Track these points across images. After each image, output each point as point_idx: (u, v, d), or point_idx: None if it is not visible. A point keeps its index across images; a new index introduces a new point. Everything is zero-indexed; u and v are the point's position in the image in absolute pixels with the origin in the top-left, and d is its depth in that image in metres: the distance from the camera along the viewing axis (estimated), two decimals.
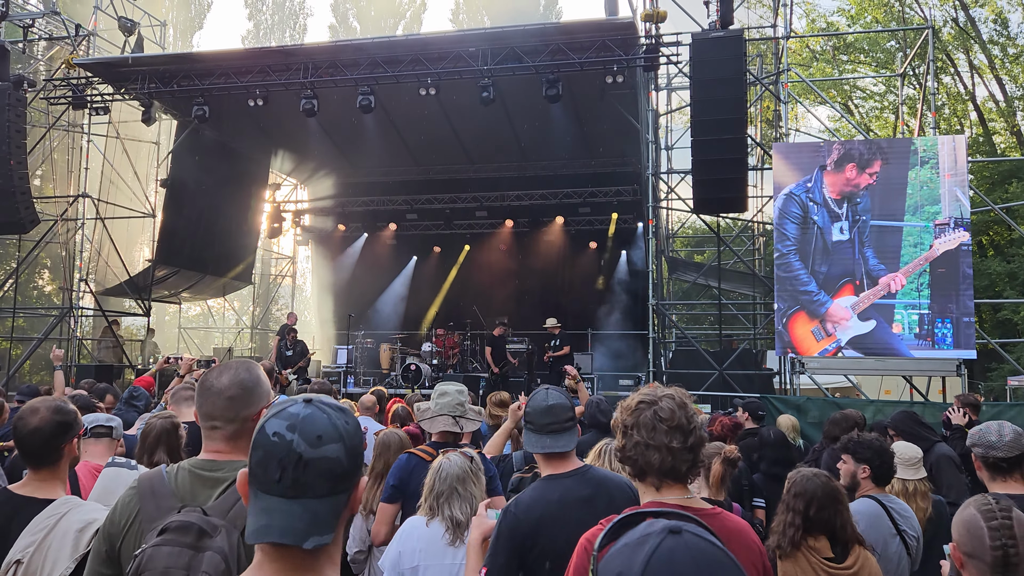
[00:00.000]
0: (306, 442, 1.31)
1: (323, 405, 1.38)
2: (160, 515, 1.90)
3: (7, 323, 16.86)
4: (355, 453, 1.37)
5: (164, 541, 1.79)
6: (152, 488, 2.04)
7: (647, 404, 2.15)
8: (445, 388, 4.07)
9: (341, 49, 13.60)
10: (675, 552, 1.16)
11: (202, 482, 2.02)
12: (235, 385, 2.13)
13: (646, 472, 2.13)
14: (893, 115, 22.42)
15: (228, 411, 2.11)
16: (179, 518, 1.84)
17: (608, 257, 18.69)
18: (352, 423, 1.39)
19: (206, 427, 2.13)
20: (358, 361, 16.65)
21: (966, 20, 21.34)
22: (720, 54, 11.00)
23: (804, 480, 3.22)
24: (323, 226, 21.13)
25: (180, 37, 38.72)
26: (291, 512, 1.29)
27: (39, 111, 15.59)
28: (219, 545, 1.79)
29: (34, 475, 2.74)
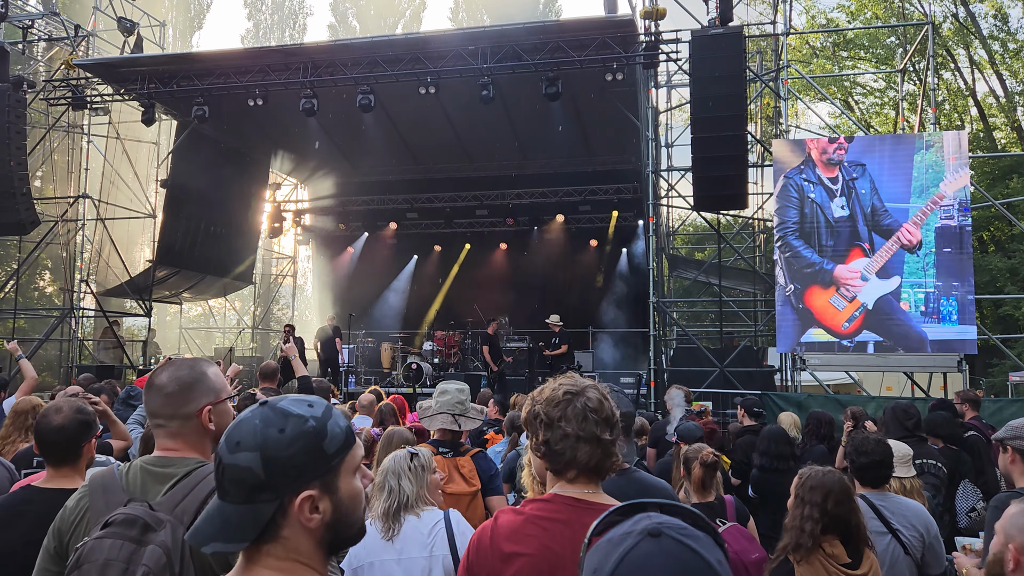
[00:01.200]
0: (227, 447, 1.32)
1: (268, 410, 1.35)
2: (108, 510, 1.88)
3: (8, 324, 16.87)
4: (278, 466, 1.30)
5: (107, 534, 1.77)
6: (103, 484, 2.03)
7: (573, 395, 2.03)
8: (446, 387, 4.07)
9: (340, 48, 13.60)
10: (650, 557, 1.11)
11: (153, 478, 2.00)
12: (173, 382, 2.10)
13: (570, 466, 2.01)
14: (893, 111, 22.39)
15: (166, 408, 2.08)
16: (124, 511, 1.82)
17: (609, 255, 18.69)
18: (291, 433, 1.32)
19: (152, 425, 2.12)
20: (359, 360, 16.66)
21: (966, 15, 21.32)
22: (720, 51, 11.00)
23: (820, 474, 3.16)
24: (324, 226, 21.13)
25: (179, 37, 38.69)
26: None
27: (39, 112, 15.60)
28: (162, 539, 1.77)
29: (56, 472, 2.78)
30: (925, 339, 11.15)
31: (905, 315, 11.24)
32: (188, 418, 2.08)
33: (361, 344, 16.94)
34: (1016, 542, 2.09)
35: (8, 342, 7.84)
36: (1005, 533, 2.14)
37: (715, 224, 14.44)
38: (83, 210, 15.56)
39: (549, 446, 2.02)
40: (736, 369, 11.79)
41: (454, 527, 3.08)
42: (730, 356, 12.07)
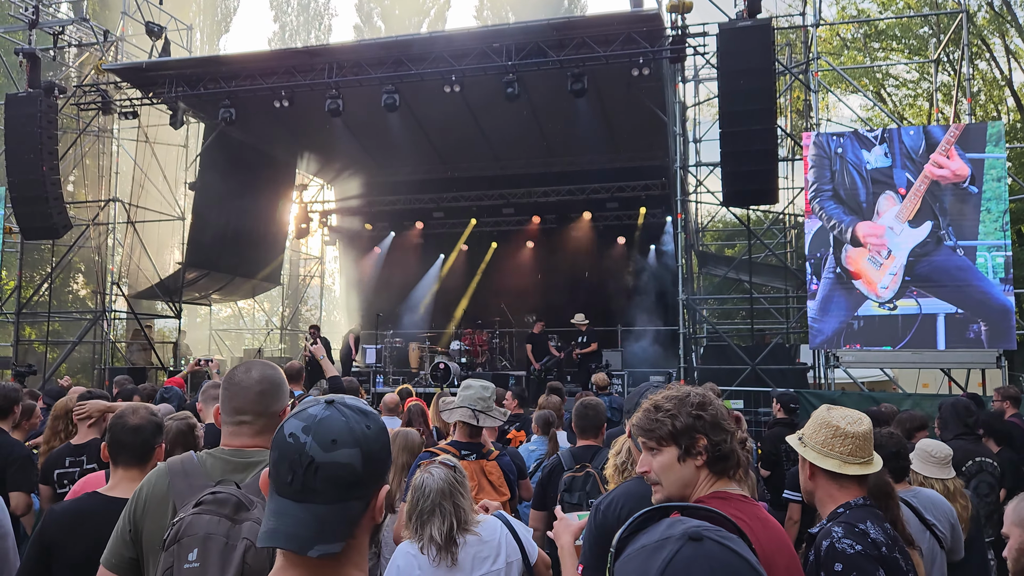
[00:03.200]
0: (319, 445, 1.27)
1: (344, 407, 1.33)
2: (192, 492, 1.93)
3: (42, 327, 17.12)
4: (373, 459, 1.31)
5: (203, 510, 1.81)
6: (184, 469, 2.08)
7: (709, 401, 2.12)
8: (470, 382, 4.06)
9: (365, 48, 13.60)
10: (694, 561, 1.08)
11: (232, 467, 2.06)
12: (265, 380, 2.17)
13: (737, 467, 2.12)
14: (927, 103, 21.95)
15: (258, 405, 2.14)
16: (216, 490, 1.87)
17: (637, 252, 18.54)
18: (375, 427, 1.34)
19: (232, 422, 2.15)
20: (387, 360, 16.67)
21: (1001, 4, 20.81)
22: (748, 44, 10.81)
23: None
24: (350, 226, 21.21)
25: (207, 40, 39.11)
26: (298, 518, 1.26)
27: (70, 117, 15.80)
28: (258, 516, 1.79)
29: (124, 474, 2.81)
30: (1009, 310, 10.10)
31: (982, 278, 10.20)
32: (273, 416, 2.15)
33: (389, 344, 16.96)
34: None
35: (208, 362, 7.96)
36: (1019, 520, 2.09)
37: (745, 220, 14.25)
38: (114, 213, 15.74)
39: (720, 450, 2.07)
40: (768, 367, 11.60)
41: (516, 528, 3.00)
42: (761, 354, 11.88)
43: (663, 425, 2.08)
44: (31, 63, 13.99)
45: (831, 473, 2.51)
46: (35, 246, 17.71)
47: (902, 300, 10.74)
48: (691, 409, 2.06)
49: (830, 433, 2.54)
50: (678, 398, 2.10)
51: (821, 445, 2.54)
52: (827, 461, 2.51)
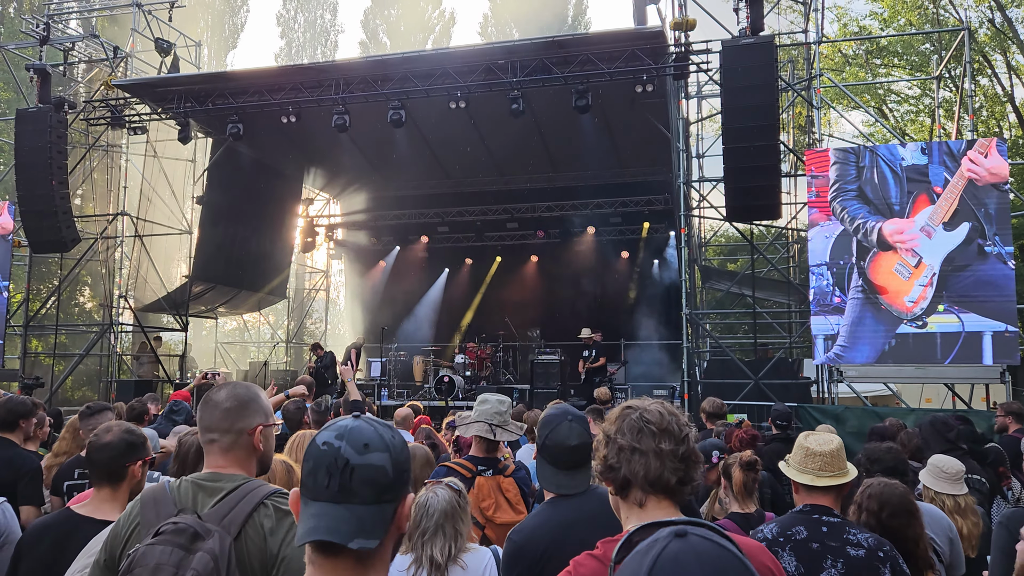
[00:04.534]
0: (353, 449, 1.37)
1: (371, 419, 1.45)
2: (159, 521, 1.95)
3: (50, 340, 17.21)
4: (400, 466, 1.41)
5: (158, 541, 1.84)
6: (154, 498, 2.10)
7: (632, 408, 1.92)
8: (486, 396, 4.02)
9: (371, 65, 13.75)
10: (680, 555, 1.13)
11: (204, 492, 2.08)
12: (231, 398, 2.20)
13: (630, 483, 1.84)
14: (929, 119, 22.04)
15: (223, 422, 2.17)
16: (174, 520, 1.89)
17: (640, 267, 18.61)
18: (399, 439, 1.44)
19: (205, 441, 2.19)
20: (391, 374, 16.72)
21: (1003, 21, 20.92)
22: (751, 61, 10.90)
23: (881, 485, 3.15)
24: (356, 240, 21.32)
25: (215, 57, 39.42)
26: (338, 515, 1.35)
27: (79, 132, 15.96)
28: (210, 547, 1.83)
29: (98, 493, 2.85)
30: None
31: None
32: (240, 434, 2.17)
33: (393, 357, 17.01)
34: None
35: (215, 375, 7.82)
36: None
37: (748, 235, 14.30)
38: (122, 227, 15.85)
39: (605, 463, 1.89)
40: (771, 381, 11.62)
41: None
42: (765, 368, 11.91)
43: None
44: (41, 79, 14.16)
45: (807, 485, 2.99)
46: (43, 259, 17.84)
47: (941, 316, 9.97)
48: (605, 424, 1.98)
49: (804, 454, 3.03)
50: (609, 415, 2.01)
51: (799, 464, 3.04)
52: (803, 476, 3.00)
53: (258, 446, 2.19)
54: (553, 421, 2.79)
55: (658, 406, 1.92)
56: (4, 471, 4.24)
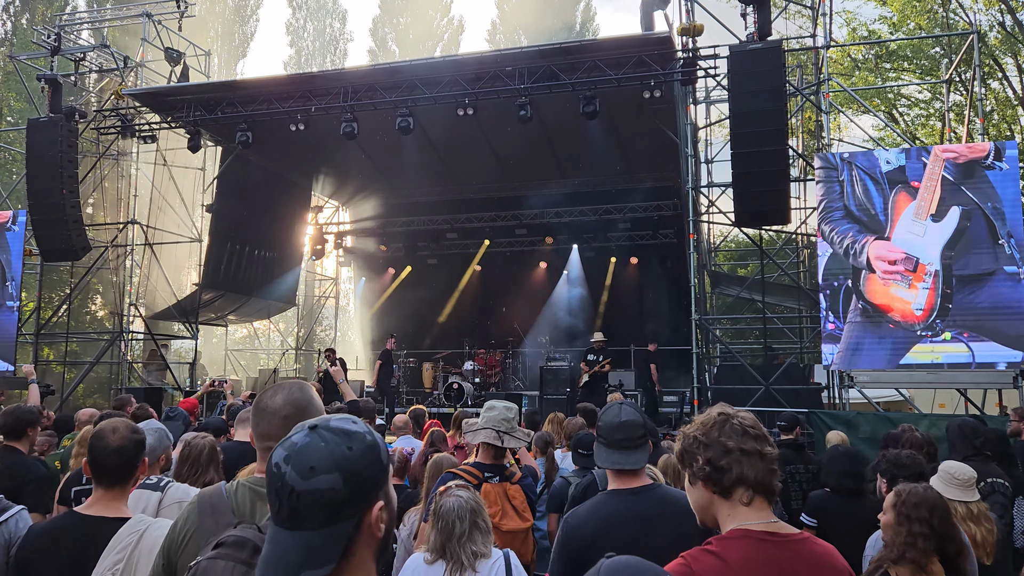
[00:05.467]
0: (298, 474, 1.29)
1: (326, 432, 1.35)
2: (218, 530, 1.92)
3: (61, 348, 17.30)
4: (359, 479, 1.32)
5: (219, 555, 1.80)
6: (212, 504, 2.09)
7: (727, 416, 2.02)
8: (494, 403, 4.04)
9: (380, 72, 13.77)
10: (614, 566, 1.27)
11: (262, 499, 2.04)
12: (289, 404, 2.16)
13: (738, 484, 1.94)
14: (940, 122, 21.93)
15: (283, 430, 2.11)
16: (235, 533, 1.84)
17: (649, 273, 18.55)
18: (358, 448, 1.34)
19: (262, 448, 2.16)
20: (401, 380, 16.72)
21: (1013, 24, 20.83)
22: (759, 66, 10.87)
23: (921, 490, 3.05)
24: (365, 247, 21.36)
25: (224, 65, 39.65)
26: (287, 544, 1.29)
27: (90, 141, 16.05)
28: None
29: (105, 494, 2.79)
30: None
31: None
32: None
33: (403, 364, 17.02)
34: None
35: (24, 366, 7.98)
36: None
37: (757, 240, 14.25)
38: (132, 235, 15.93)
39: (712, 464, 1.96)
40: (782, 387, 11.55)
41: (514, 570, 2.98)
42: (775, 374, 11.84)
43: (678, 450, 2.10)
44: (52, 89, 14.26)
45: None
46: (54, 268, 17.93)
47: (949, 345, 9.36)
48: (693, 429, 2.05)
49: None
50: (696, 421, 2.09)
51: None
52: None
53: None
54: (605, 409, 3.04)
55: (748, 413, 2.05)
56: (9, 479, 4.24)
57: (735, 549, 1.89)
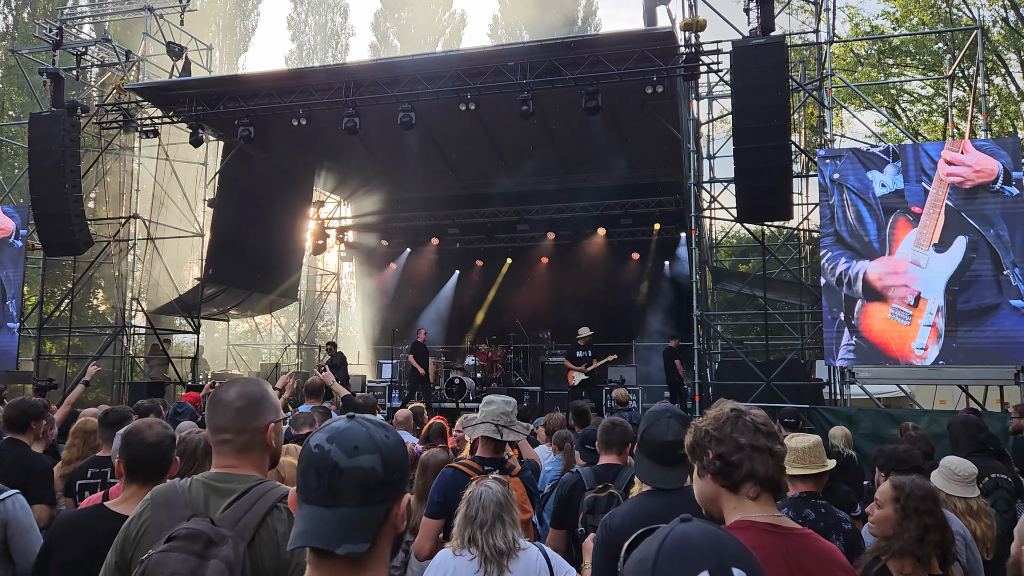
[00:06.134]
0: (343, 451, 1.36)
1: (364, 420, 1.43)
2: (171, 524, 1.92)
3: (63, 342, 17.33)
4: (394, 467, 1.40)
5: (172, 547, 1.81)
6: (165, 499, 2.08)
7: (740, 412, 2.07)
8: (492, 397, 4.06)
9: (382, 67, 13.75)
10: (687, 532, 1.26)
11: (215, 493, 2.04)
12: (242, 397, 2.16)
13: (748, 479, 1.99)
14: (942, 118, 21.90)
15: (236, 422, 2.13)
16: (188, 526, 1.86)
17: (651, 268, 18.56)
18: (393, 438, 1.43)
19: (217, 440, 2.16)
20: (402, 375, 16.74)
21: (1016, 19, 20.78)
22: (762, 61, 10.85)
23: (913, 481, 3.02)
24: (366, 242, 21.37)
25: (226, 60, 39.60)
26: (325, 519, 1.34)
27: (92, 135, 16.05)
28: (225, 554, 1.81)
29: (138, 490, 2.74)
30: None
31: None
32: (255, 432, 2.14)
33: (404, 359, 17.02)
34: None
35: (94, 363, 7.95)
36: (1019, 535, 2.11)
37: (759, 235, 14.24)
38: (134, 230, 15.94)
39: (724, 459, 2.01)
40: (783, 383, 11.55)
41: (551, 560, 2.97)
42: (777, 370, 11.84)
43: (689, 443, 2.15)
44: (54, 83, 14.25)
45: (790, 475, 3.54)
46: (56, 262, 17.95)
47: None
48: (705, 423, 2.09)
49: (790, 454, 3.58)
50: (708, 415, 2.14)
51: (791, 462, 3.60)
52: (797, 469, 3.63)
53: (271, 443, 2.16)
54: (652, 417, 2.95)
55: (760, 411, 2.11)
56: (16, 472, 4.26)
57: (743, 538, 1.90)
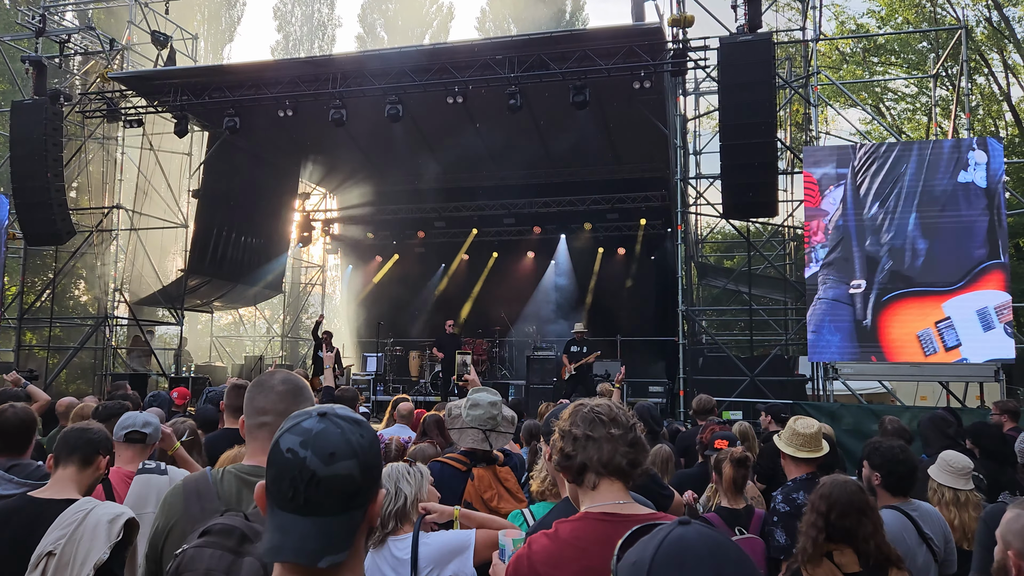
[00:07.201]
0: (319, 459, 1.27)
1: (337, 419, 1.34)
2: (204, 517, 1.91)
3: (44, 333, 17.17)
4: (370, 468, 1.32)
5: (206, 543, 1.78)
6: (197, 490, 2.09)
7: (583, 404, 2.13)
8: (477, 399, 3.80)
9: (369, 59, 13.70)
10: (685, 535, 1.25)
11: (248, 487, 2.05)
12: (286, 381, 2.22)
13: (585, 467, 2.02)
14: (926, 117, 22.07)
15: (279, 404, 2.17)
16: (222, 521, 1.83)
17: (637, 263, 18.60)
18: (367, 436, 1.35)
19: (255, 424, 2.17)
20: (388, 368, 16.72)
21: (999, 19, 20.95)
22: (748, 58, 10.90)
23: (832, 484, 3.12)
24: (352, 234, 21.29)
25: (211, 50, 39.30)
26: (304, 531, 1.26)
27: (75, 124, 15.89)
28: (259, 552, 1.77)
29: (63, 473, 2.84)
30: None
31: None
32: None
33: (390, 352, 17.02)
34: (1015, 548, 2.08)
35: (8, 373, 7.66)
36: (1003, 539, 2.14)
37: (744, 232, 14.32)
38: (117, 220, 15.81)
39: (563, 454, 2.06)
40: (767, 378, 11.65)
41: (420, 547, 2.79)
42: (761, 365, 11.93)
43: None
44: (37, 71, 14.09)
45: (791, 456, 4.14)
46: (38, 252, 17.76)
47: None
48: (560, 423, 2.15)
49: (791, 434, 4.19)
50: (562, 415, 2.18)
51: (787, 440, 4.20)
52: (788, 449, 4.16)
53: None
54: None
55: (606, 401, 2.14)
56: None
57: (568, 528, 1.99)
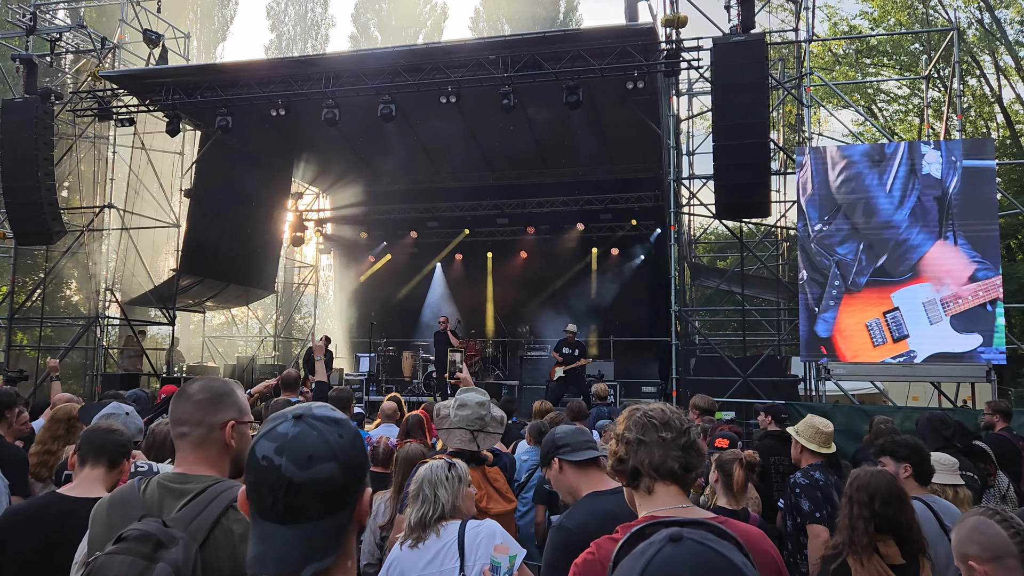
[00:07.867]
0: (295, 465, 1.24)
1: (314, 421, 1.30)
2: (124, 525, 1.85)
3: (35, 333, 17.10)
4: (352, 467, 1.29)
5: (119, 549, 1.74)
6: (123, 500, 2.03)
7: (637, 409, 2.14)
8: (465, 399, 3.82)
9: (362, 58, 13.66)
10: (673, 559, 1.15)
11: (171, 494, 1.99)
12: (204, 390, 2.13)
13: (639, 472, 2.03)
14: (918, 118, 22.15)
15: (194, 414, 2.09)
16: (138, 527, 1.79)
17: (630, 263, 18.61)
18: (348, 436, 1.31)
19: (176, 435, 2.11)
20: (380, 369, 16.68)
21: (991, 21, 21.04)
22: (742, 58, 10.92)
23: (868, 475, 3.18)
24: (345, 234, 21.24)
25: (204, 49, 39.15)
26: (286, 539, 1.24)
27: (66, 123, 15.81)
28: (173, 557, 1.74)
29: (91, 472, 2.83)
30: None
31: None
32: (212, 428, 2.07)
33: (382, 352, 16.98)
34: (972, 554, 2.11)
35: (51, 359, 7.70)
36: (959, 553, 2.16)
37: (737, 232, 14.34)
38: (108, 220, 15.73)
39: (618, 458, 2.08)
40: (759, 379, 11.67)
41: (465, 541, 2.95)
42: (753, 365, 11.95)
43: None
44: (28, 69, 14.02)
45: (810, 451, 4.52)
46: (28, 251, 17.67)
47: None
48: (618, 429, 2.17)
49: (814, 431, 4.58)
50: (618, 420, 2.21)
51: (808, 437, 4.57)
52: (811, 444, 4.54)
53: (230, 443, 2.08)
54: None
55: (661, 405, 2.14)
56: None
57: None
